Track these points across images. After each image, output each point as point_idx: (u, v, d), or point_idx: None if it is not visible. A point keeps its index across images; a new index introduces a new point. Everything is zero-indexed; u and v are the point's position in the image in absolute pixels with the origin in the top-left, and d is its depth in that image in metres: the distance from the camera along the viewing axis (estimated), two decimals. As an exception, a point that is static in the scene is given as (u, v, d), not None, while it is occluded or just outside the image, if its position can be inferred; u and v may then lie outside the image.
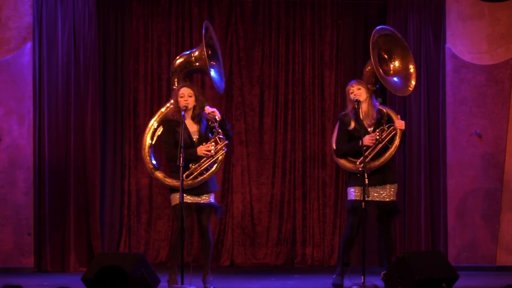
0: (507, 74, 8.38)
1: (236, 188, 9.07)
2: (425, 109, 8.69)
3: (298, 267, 8.90)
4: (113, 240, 8.90)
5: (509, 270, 8.13)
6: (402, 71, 7.13)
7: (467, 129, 8.38)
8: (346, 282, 6.81)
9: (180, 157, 6.48)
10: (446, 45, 8.46)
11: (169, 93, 7.67)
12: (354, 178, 6.82)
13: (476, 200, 8.34)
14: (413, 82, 7.11)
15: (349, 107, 6.87)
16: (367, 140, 6.70)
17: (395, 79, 7.10)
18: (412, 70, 7.12)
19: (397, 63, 7.15)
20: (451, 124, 8.42)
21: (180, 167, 6.48)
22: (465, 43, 8.44)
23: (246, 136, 9.11)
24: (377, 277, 6.81)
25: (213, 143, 6.71)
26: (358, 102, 6.76)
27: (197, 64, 7.04)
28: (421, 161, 8.67)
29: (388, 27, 7.34)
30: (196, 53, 7.06)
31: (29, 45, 8.25)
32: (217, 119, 6.73)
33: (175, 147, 6.65)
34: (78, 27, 8.58)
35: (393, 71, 7.15)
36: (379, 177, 6.72)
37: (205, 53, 6.88)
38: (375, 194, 6.76)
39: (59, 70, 8.48)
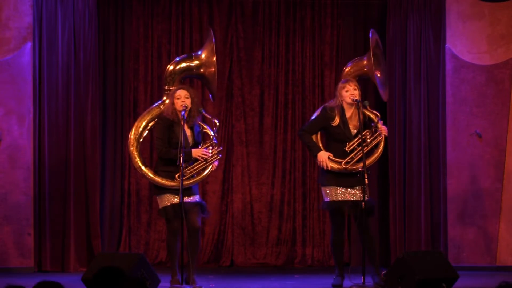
0: (507, 74, 8.38)
1: (236, 188, 9.07)
2: (425, 109, 8.68)
3: (298, 267, 8.90)
4: (113, 240, 8.90)
5: (509, 270, 8.13)
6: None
7: (467, 129, 8.38)
8: (346, 282, 6.81)
9: (180, 157, 6.49)
10: (446, 45, 8.46)
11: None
12: (332, 176, 6.79)
13: (476, 200, 8.34)
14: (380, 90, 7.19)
15: (338, 101, 6.84)
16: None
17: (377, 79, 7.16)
18: (379, 76, 7.18)
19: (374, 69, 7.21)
20: (451, 124, 8.42)
21: (178, 166, 6.49)
22: (465, 43, 8.44)
23: (246, 136, 9.11)
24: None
25: (210, 147, 6.72)
26: (358, 102, 6.76)
27: (201, 70, 7.05)
28: (421, 161, 8.67)
29: (377, 35, 7.35)
30: (203, 58, 7.04)
31: (29, 45, 8.25)
32: (217, 124, 6.74)
33: (169, 145, 6.65)
34: (78, 27, 8.58)
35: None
36: (352, 180, 6.70)
37: (215, 59, 6.93)
38: (350, 195, 6.75)
39: (59, 70, 8.48)
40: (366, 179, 6.53)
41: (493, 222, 8.31)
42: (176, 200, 6.59)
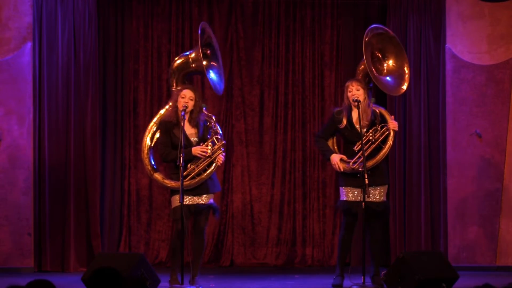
0: (507, 74, 8.38)
1: (236, 188, 9.07)
2: (425, 109, 8.69)
3: (298, 267, 8.90)
4: (113, 240, 8.90)
5: (509, 270, 8.13)
6: (395, 70, 7.14)
7: (467, 129, 8.38)
8: (346, 282, 6.82)
9: (180, 157, 6.51)
10: (446, 45, 8.46)
11: (169, 94, 7.67)
12: (345, 177, 6.84)
13: (476, 200, 8.34)
14: (406, 83, 7.12)
15: (346, 102, 6.89)
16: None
17: (388, 78, 7.12)
18: (406, 70, 7.13)
19: (390, 62, 7.15)
20: (451, 124, 8.42)
21: (180, 167, 6.50)
22: (465, 43, 8.44)
23: (246, 136, 9.11)
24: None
25: (210, 144, 6.73)
26: (359, 102, 6.76)
27: (193, 65, 7.06)
28: (421, 161, 8.67)
29: (382, 26, 7.33)
30: (193, 54, 7.07)
31: (29, 45, 8.25)
32: (213, 119, 6.78)
33: (171, 148, 6.69)
34: (78, 27, 8.58)
35: (387, 70, 7.16)
36: (368, 179, 6.71)
37: (201, 54, 6.90)
38: (360, 196, 6.77)
39: (59, 70, 8.48)
40: (366, 180, 6.54)
41: (493, 222, 8.31)
42: (185, 201, 6.60)
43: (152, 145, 7.04)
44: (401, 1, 8.79)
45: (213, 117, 6.84)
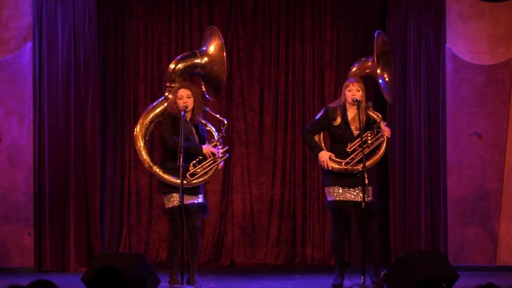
0: (507, 74, 8.38)
1: (236, 188, 9.07)
2: (425, 109, 8.68)
3: (298, 267, 8.90)
4: (113, 240, 8.90)
5: (509, 270, 8.13)
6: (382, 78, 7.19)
7: (467, 129, 8.38)
8: (346, 282, 6.82)
9: (180, 157, 6.48)
10: (446, 45, 8.46)
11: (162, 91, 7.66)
12: (331, 177, 6.82)
13: (476, 200, 8.34)
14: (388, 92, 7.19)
15: (342, 100, 6.86)
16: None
17: (381, 81, 7.14)
18: (387, 79, 7.15)
19: (378, 71, 7.12)
20: (451, 124, 8.42)
21: (180, 166, 6.49)
22: (465, 43, 8.44)
23: (246, 136, 9.11)
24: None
25: (219, 146, 6.75)
26: (359, 102, 6.76)
27: (208, 67, 7.05)
28: (421, 161, 8.67)
29: (384, 35, 7.36)
30: (210, 53, 7.05)
31: (29, 45, 8.25)
32: (225, 123, 6.77)
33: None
34: (78, 27, 8.58)
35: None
36: (354, 180, 6.71)
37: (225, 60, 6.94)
38: (352, 196, 6.76)
39: (59, 70, 8.48)
40: (366, 180, 6.53)
41: (493, 222, 8.31)
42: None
43: (146, 136, 6.98)
44: (401, 1, 8.79)
45: (225, 121, 6.81)
